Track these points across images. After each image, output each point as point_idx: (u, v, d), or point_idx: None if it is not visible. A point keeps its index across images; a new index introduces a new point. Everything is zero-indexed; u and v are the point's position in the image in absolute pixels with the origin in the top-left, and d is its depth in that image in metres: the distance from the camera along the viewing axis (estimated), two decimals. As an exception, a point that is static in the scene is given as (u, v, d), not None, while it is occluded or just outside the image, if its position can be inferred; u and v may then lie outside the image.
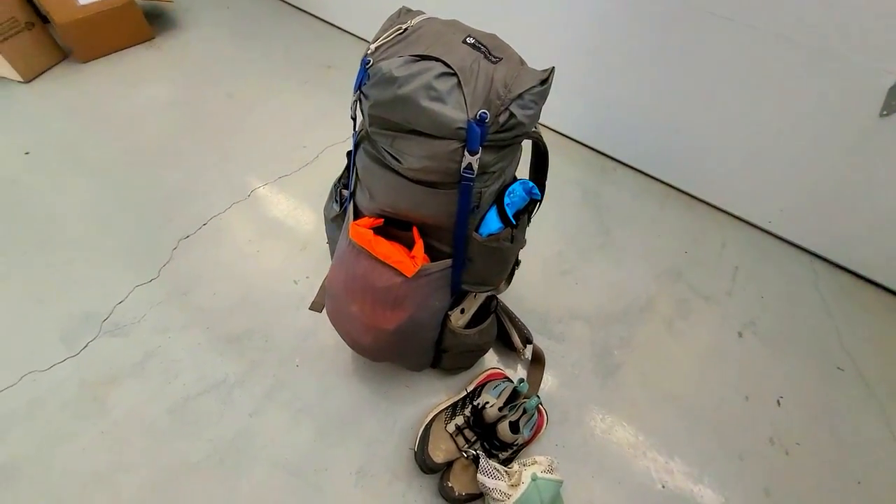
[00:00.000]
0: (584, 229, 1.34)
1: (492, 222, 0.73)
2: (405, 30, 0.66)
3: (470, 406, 0.92)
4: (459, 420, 0.92)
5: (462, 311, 0.89)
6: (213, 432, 0.98)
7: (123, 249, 1.24)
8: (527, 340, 1.03)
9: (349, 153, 0.81)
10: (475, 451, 0.87)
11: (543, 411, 0.98)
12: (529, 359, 1.07)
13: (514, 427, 0.88)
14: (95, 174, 1.39)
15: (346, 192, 0.86)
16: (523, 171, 0.82)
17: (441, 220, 0.73)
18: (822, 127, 1.08)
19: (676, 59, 1.18)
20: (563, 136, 1.56)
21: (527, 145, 0.76)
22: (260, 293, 1.17)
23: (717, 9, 1.05)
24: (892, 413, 1.06)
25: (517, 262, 1.06)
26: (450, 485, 0.89)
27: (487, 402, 0.91)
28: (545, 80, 0.63)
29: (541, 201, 0.90)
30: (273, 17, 2.00)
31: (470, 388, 0.98)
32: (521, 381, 0.93)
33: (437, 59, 0.62)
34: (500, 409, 0.89)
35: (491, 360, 1.09)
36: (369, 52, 0.66)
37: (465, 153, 0.63)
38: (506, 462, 0.89)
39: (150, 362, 1.06)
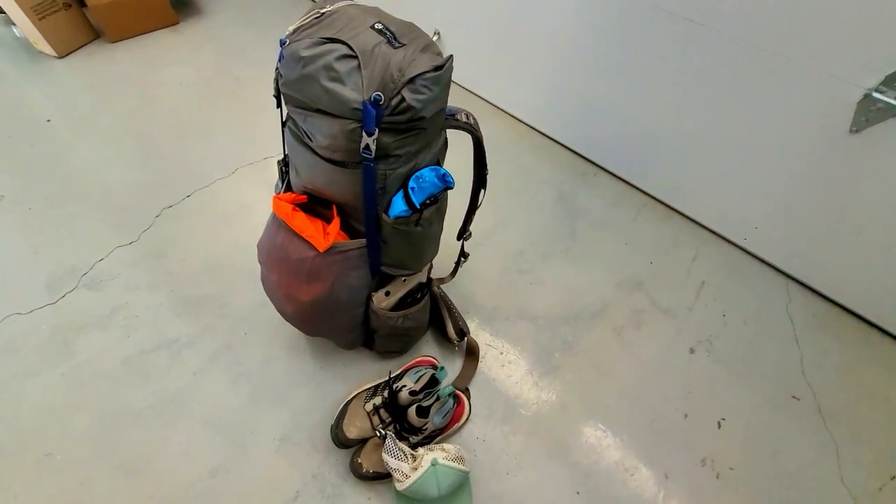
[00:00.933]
0: (552, 231, 1.33)
1: (398, 205, 0.75)
2: (322, 14, 0.69)
3: (388, 388, 0.94)
4: (377, 400, 0.94)
5: (387, 294, 0.91)
6: (158, 385, 1.05)
7: (115, 212, 1.34)
8: (461, 332, 1.04)
9: (285, 132, 0.86)
10: (386, 431, 0.89)
11: (465, 402, 0.99)
12: (464, 351, 1.08)
13: (423, 412, 0.89)
14: (106, 142, 1.51)
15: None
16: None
17: (351, 198, 0.76)
18: (794, 142, 1.03)
19: (655, 66, 1.15)
20: (547, 138, 1.54)
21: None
22: (225, 264, 1.24)
23: (693, 14, 1.02)
24: (845, 453, 0.99)
25: (464, 255, 1.08)
26: (359, 461, 0.91)
27: (404, 386, 0.92)
28: (440, 66, 0.64)
29: (482, 191, 0.92)
30: (293, 8, 2.10)
31: (396, 372, 1.00)
32: (441, 368, 0.94)
33: (342, 42, 0.65)
34: (414, 394, 0.91)
35: (428, 348, 1.10)
36: (288, 33, 0.69)
37: (363, 133, 0.66)
38: (415, 446, 0.90)
39: (116, 316, 1.15)
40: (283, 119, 0.81)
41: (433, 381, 0.95)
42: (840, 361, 1.11)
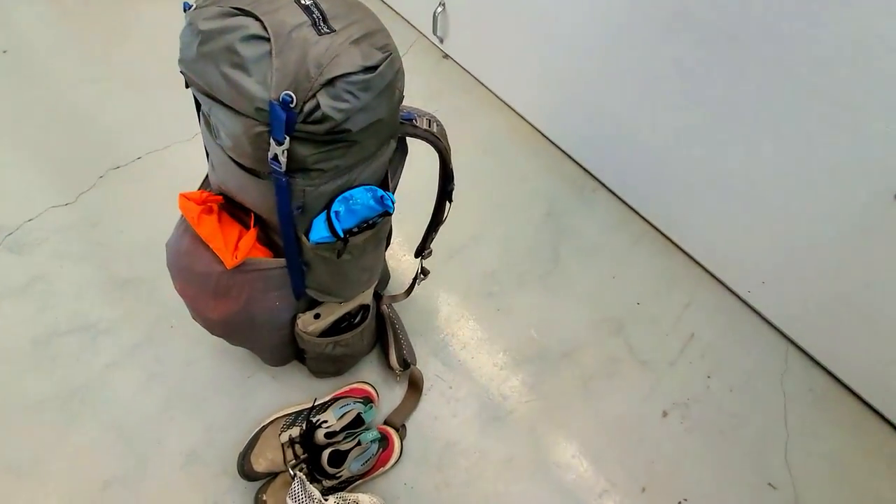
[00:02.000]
0: (533, 252, 1.18)
1: (319, 229, 0.61)
2: (244, -24, 0.53)
3: (306, 421, 0.82)
4: (294, 432, 0.83)
5: (316, 317, 0.78)
6: (64, 374, 0.95)
7: (54, 167, 1.21)
8: (405, 363, 0.92)
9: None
10: (296, 471, 0.78)
11: (396, 444, 0.87)
12: (406, 383, 0.96)
13: (339, 458, 0.78)
14: (58, 83, 1.35)
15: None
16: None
17: (265, 212, 0.63)
18: (827, 196, 0.86)
19: (678, 82, 0.97)
20: (549, 141, 1.37)
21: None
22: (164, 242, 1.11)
23: (732, 28, 0.84)
24: (818, 555, 0.88)
25: (424, 272, 0.94)
26: (264, 498, 0.81)
27: (325, 422, 0.81)
28: (371, 67, 0.49)
29: (447, 205, 0.78)
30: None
31: (321, 400, 0.88)
32: (370, 406, 0.83)
33: (254, 17, 0.49)
34: (332, 435, 0.79)
35: (369, 372, 0.98)
36: (197, -4, 0.54)
37: (272, 140, 0.51)
38: (328, 491, 0.79)
39: (34, 287, 1.04)
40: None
41: (358, 421, 0.83)
42: (831, 449, 0.98)
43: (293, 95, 0.48)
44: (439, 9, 1.39)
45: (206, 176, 0.74)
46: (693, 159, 1.04)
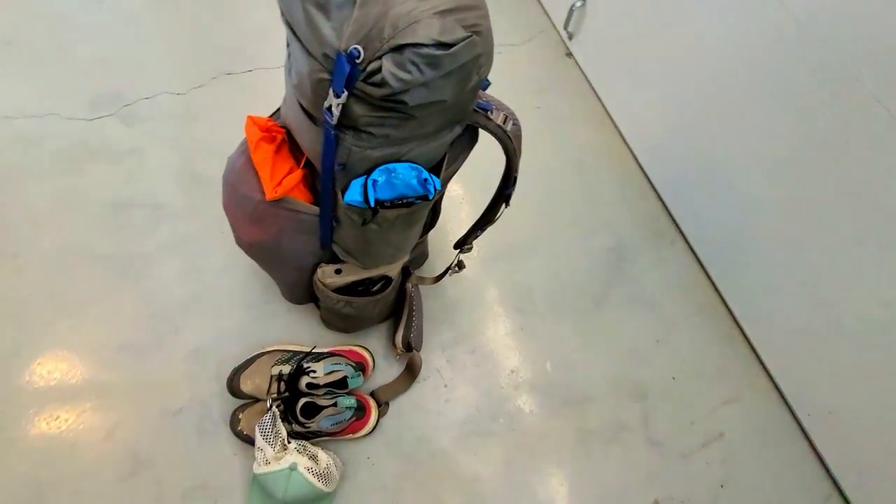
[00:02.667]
0: (581, 283, 1.10)
1: (354, 191, 0.59)
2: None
3: (298, 364, 0.84)
4: (285, 369, 0.86)
5: (337, 272, 0.79)
6: (126, 241, 1.05)
7: (183, 57, 1.32)
8: (408, 345, 0.91)
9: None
10: (273, 405, 0.81)
11: (371, 418, 0.87)
12: (404, 364, 0.95)
13: (313, 411, 0.79)
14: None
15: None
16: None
17: (314, 158, 0.62)
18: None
19: (809, 160, 0.82)
20: (641, 172, 1.25)
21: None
22: (243, 154, 1.18)
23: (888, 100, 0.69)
24: None
25: (460, 266, 0.92)
26: (239, 417, 0.85)
27: (313, 372, 0.82)
28: (445, 44, 0.45)
29: (503, 207, 0.74)
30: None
31: (319, 350, 0.90)
32: (359, 375, 0.83)
33: (354, -42, 0.47)
34: (313, 387, 0.80)
35: (377, 340, 0.98)
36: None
37: (330, 89, 0.50)
38: (295, 435, 0.81)
39: (129, 158, 1.15)
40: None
41: (343, 384, 0.83)
42: None
43: (361, 51, 0.46)
44: (578, 3, 1.30)
45: (280, 107, 0.76)
46: (799, 256, 0.89)
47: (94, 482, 0.84)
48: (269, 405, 0.81)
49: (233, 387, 0.86)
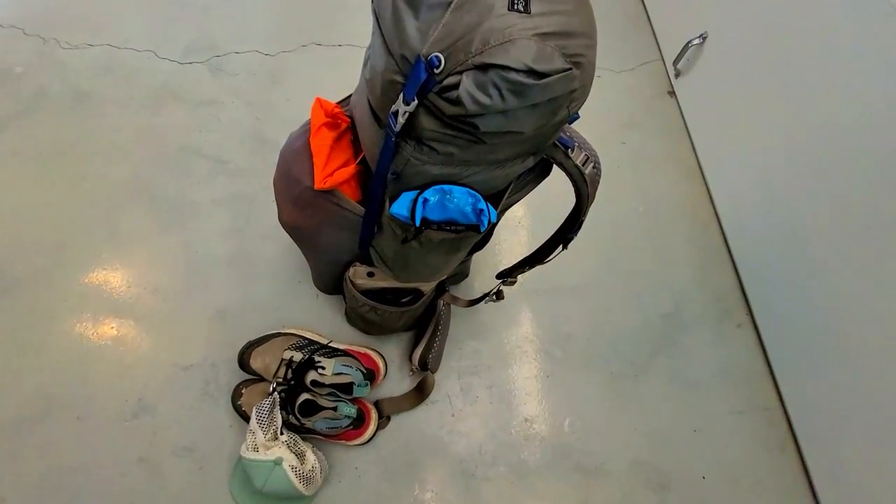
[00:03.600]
0: (624, 345, 1.00)
1: (402, 205, 0.54)
2: None
3: (309, 356, 0.82)
4: (297, 356, 0.83)
5: (369, 275, 0.75)
6: (185, 187, 1.07)
7: (280, 20, 1.33)
8: (424, 365, 0.86)
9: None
10: (276, 390, 0.79)
11: (369, 430, 0.83)
12: (416, 382, 0.90)
13: (310, 409, 0.76)
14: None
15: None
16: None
17: (371, 158, 0.58)
18: None
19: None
20: (722, 237, 1.12)
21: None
22: (312, 127, 1.17)
23: None
24: None
25: (498, 296, 0.86)
26: (241, 392, 0.84)
27: (322, 369, 0.79)
28: (538, 72, 0.39)
29: (559, 249, 0.68)
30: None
31: (335, 345, 0.87)
32: (366, 384, 0.79)
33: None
34: (317, 386, 0.77)
35: (395, 348, 0.94)
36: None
37: (401, 94, 0.45)
38: (287, 426, 0.79)
39: (207, 108, 1.17)
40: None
41: (348, 388, 0.80)
42: None
43: (442, 60, 0.40)
44: (697, 41, 1.18)
45: (351, 94, 0.72)
46: (885, 385, 0.75)
47: (98, 414, 0.86)
48: (271, 389, 0.79)
49: (243, 360, 0.85)
